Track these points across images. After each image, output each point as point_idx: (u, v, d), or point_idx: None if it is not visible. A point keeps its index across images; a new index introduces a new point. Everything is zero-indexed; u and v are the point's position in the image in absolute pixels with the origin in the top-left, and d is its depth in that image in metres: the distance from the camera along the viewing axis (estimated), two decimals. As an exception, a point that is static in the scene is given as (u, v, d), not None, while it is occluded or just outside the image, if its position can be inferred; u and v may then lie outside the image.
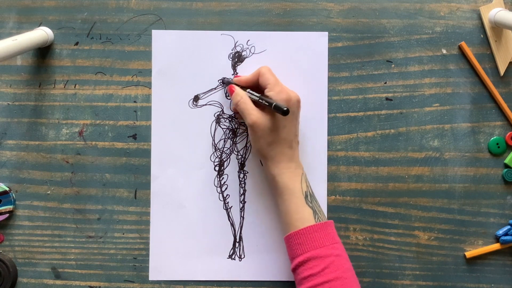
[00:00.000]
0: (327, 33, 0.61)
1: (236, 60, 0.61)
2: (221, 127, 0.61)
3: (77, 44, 0.61)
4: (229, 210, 0.61)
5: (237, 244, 0.60)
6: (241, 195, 0.61)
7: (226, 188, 0.61)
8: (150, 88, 0.61)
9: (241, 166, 0.61)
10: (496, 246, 0.60)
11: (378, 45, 0.61)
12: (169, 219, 0.60)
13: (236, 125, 0.61)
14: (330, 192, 0.61)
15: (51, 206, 0.61)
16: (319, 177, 0.60)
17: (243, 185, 0.61)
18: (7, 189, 0.60)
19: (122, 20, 0.61)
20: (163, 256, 0.60)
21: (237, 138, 0.61)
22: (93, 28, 0.61)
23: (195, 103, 0.61)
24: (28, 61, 0.61)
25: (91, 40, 0.61)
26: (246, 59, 0.61)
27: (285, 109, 0.50)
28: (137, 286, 0.60)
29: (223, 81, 0.60)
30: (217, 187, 0.61)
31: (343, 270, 0.51)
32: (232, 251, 0.60)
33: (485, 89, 0.61)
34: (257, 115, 0.53)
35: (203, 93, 0.61)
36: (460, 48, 0.61)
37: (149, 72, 0.61)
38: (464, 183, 0.61)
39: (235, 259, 0.60)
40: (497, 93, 0.61)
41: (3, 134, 0.61)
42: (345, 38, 0.61)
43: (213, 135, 0.61)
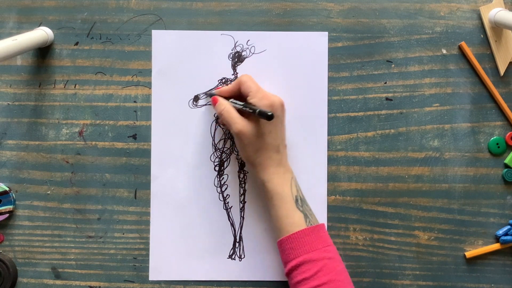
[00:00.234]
0: (327, 33, 0.61)
1: (236, 60, 0.61)
2: (221, 127, 0.61)
3: (77, 44, 0.61)
4: (229, 210, 0.61)
5: (237, 244, 0.60)
6: (241, 195, 0.61)
7: (226, 188, 0.61)
8: (150, 88, 0.61)
9: (241, 166, 0.61)
10: (496, 246, 0.60)
11: (378, 45, 0.61)
12: (169, 219, 0.60)
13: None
14: (330, 192, 0.61)
15: (51, 206, 0.61)
16: (319, 177, 0.60)
17: (243, 185, 0.61)
18: (7, 189, 0.60)
19: (122, 20, 0.61)
20: (163, 256, 0.60)
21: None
22: (93, 28, 0.61)
23: (195, 103, 0.61)
24: (28, 61, 0.61)
25: (91, 40, 0.61)
26: (246, 59, 0.61)
27: (269, 114, 0.50)
28: (137, 286, 0.60)
29: (206, 93, 0.60)
30: (217, 187, 0.61)
31: (336, 272, 0.51)
32: (232, 251, 0.60)
33: (485, 89, 0.61)
34: (242, 123, 0.53)
35: (203, 93, 0.61)
36: (460, 48, 0.61)
37: (149, 72, 0.61)
38: (464, 183, 0.61)
39: (235, 259, 0.60)
40: (497, 93, 0.61)
41: (3, 134, 0.61)
42: (345, 38, 0.61)
43: (213, 135, 0.61)
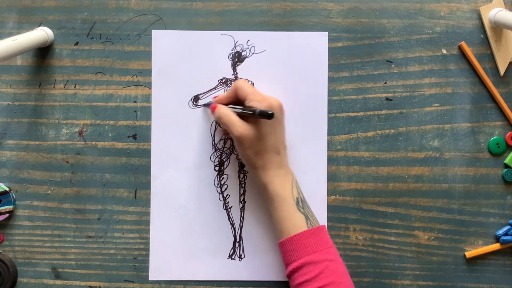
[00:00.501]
0: (327, 33, 0.61)
1: (236, 60, 0.61)
2: (221, 127, 0.61)
3: (77, 44, 0.61)
4: (229, 210, 0.61)
5: (237, 244, 0.60)
6: (241, 195, 0.61)
7: (226, 188, 0.61)
8: (150, 88, 0.61)
9: (241, 166, 0.61)
10: (496, 246, 0.60)
11: (378, 45, 0.61)
12: (169, 219, 0.60)
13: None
14: (330, 192, 0.61)
15: (51, 206, 0.61)
16: (319, 177, 0.60)
17: (243, 185, 0.61)
18: (7, 189, 0.60)
19: (122, 20, 0.61)
20: (163, 256, 0.60)
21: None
22: (93, 28, 0.61)
23: (195, 103, 0.61)
24: (28, 61, 0.61)
25: (91, 40, 0.61)
26: (246, 59, 0.61)
27: (270, 112, 0.49)
28: (137, 286, 0.60)
29: (204, 105, 0.60)
30: (217, 187, 0.61)
31: (338, 274, 0.51)
32: (232, 251, 0.60)
33: (485, 89, 0.61)
34: (242, 126, 0.53)
35: (203, 93, 0.61)
36: (460, 48, 0.61)
37: (149, 72, 0.61)
38: (464, 183, 0.61)
39: (235, 259, 0.60)
40: (497, 93, 0.61)
41: (3, 134, 0.61)
42: (345, 38, 0.61)
43: (213, 135, 0.61)
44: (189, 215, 0.60)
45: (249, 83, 0.56)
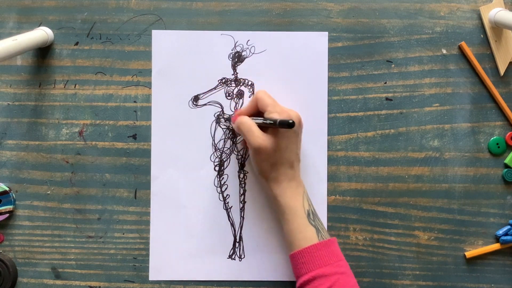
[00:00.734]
0: (327, 33, 0.61)
1: (236, 60, 0.61)
2: (221, 127, 0.61)
3: (77, 44, 0.61)
4: (229, 210, 0.61)
5: (237, 244, 0.60)
6: (241, 195, 0.61)
7: (226, 188, 0.61)
8: (150, 88, 0.61)
9: (241, 166, 0.61)
10: (496, 246, 0.60)
11: (378, 45, 0.61)
12: (169, 219, 0.60)
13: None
14: (330, 192, 0.61)
15: (51, 206, 0.61)
16: (319, 177, 0.60)
17: (243, 185, 0.61)
18: (7, 189, 0.60)
19: (122, 20, 0.61)
20: (163, 256, 0.60)
21: (237, 138, 0.61)
22: (93, 28, 0.61)
23: (195, 103, 0.61)
24: (28, 61, 0.61)
25: (91, 40, 0.61)
26: (246, 59, 0.61)
27: (290, 122, 0.49)
28: (137, 286, 0.60)
29: (225, 119, 0.60)
30: (217, 187, 0.61)
31: (348, 287, 0.51)
32: (232, 251, 0.60)
33: (485, 89, 0.61)
34: (262, 137, 0.53)
35: (203, 93, 0.61)
36: (460, 48, 0.61)
37: (149, 72, 0.61)
38: (464, 183, 0.61)
39: (235, 259, 0.60)
40: (497, 93, 0.61)
41: (3, 134, 0.61)
42: (345, 38, 0.61)
43: (213, 135, 0.61)
44: (189, 215, 0.60)
45: (269, 94, 0.56)
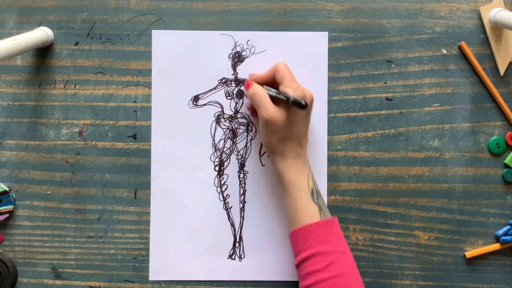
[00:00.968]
0: (327, 33, 0.61)
1: (236, 60, 0.61)
2: (221, 127, 0.61)
3: (77, 44, 0.61)
4: (229, 210, 0.61)
5: (237, 244, 0.60)
6: (241, 195, 0.61)
7: (226, 188, 0.61)
8: (150, 88, 0.61)
9: (241, 166, 0.61)
10: (496, 246, 0.60)
11: (378, 45, 0.61)
12: (169, 219, 0.60)
13: (236, 125, 0.61)
14: (330, 192, 0.61)
15: (51, 206, 0.61)
16: (319, 177, 0.60)
17: (243, 185, 0.61)
18: (7, 189, 0.60)
19: (122, 20, 0.61)
20: (163, 256, 0.60)
21: (237, 138, 0.61)
22: (93, 28, 0.61)
23: (195, 103, 0.61)
24: (28, 61, 0.61)
25: (91, 40, 0.61)
26: (246, 59, 0.61)
27: (304, 103, 0.50)
28: (137, 286, 0.60)
29: (239, 80, 0.60)
30: (217, 187, 0.61)
31: (347, 267, 0.51)
32: (232, 251, 0.60)
33: (485, 89, 0.61)
34: (273, 110, 0.53)
35: (203, 93, 0.61)
36: (460, 48, 0.61)
37: (149, 72, 0.61)
38: (464, 183, 0.61)
39: (235, 259, 0.60)
40: (497, 93, 0.61)
41: (3, 134, 0.61)
42: (345, 38, 0.61)
43: (213, 135, 0.61)
44: (189, 215, 0.60)
45: (289, 68, 0.56)
